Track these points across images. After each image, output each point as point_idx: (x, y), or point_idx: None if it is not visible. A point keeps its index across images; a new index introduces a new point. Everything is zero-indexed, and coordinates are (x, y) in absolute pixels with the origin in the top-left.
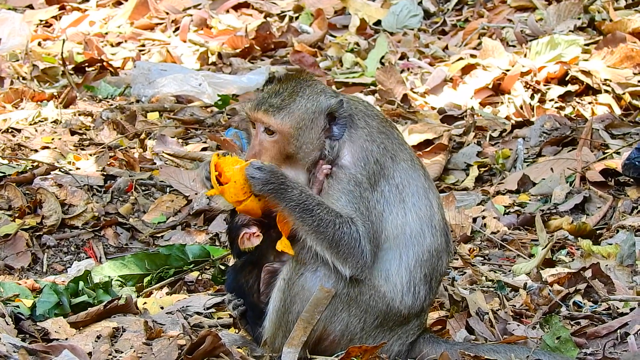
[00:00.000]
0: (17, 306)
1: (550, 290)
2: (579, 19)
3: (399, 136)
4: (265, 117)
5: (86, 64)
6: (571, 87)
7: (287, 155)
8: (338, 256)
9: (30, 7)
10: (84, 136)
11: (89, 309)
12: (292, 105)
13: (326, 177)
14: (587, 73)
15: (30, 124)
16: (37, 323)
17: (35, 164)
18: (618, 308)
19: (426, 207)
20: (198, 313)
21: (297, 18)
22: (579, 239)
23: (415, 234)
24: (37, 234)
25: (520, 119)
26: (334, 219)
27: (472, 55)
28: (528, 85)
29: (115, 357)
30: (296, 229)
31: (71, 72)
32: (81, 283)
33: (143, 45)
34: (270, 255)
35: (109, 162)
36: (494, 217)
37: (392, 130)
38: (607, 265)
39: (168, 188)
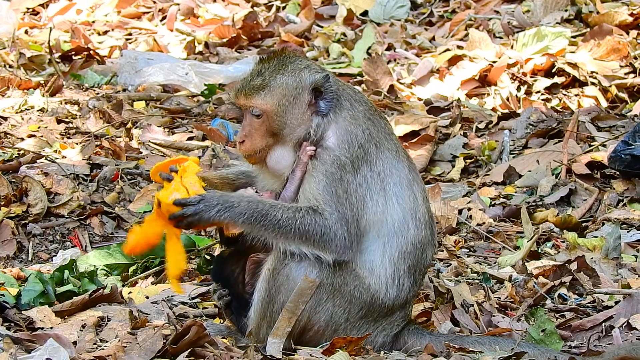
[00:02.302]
0: (2, 295)
1: (535, 282)
2: (566, 11)
3: (387, 126)
4: (248, 100)
5: (73, 53)
6: (558, 79)
7: (274, 132)
8: (314, 246)
9: None
10: (70, 125)
11: (74, 298)
12: (272, 83)
13: (310, 159)
14: (573, 65)
15: (17, 112)
16: (22, 312)
17: (22, 152)
18: (603, 301)
19: (409, 198)
20: (183, 303)
21: (284, 8)
22: (565, 231)
23: (399, 225)
24: (23, 222)
25: (506, 111)
26: (293, 214)
27: (459, 47)
28: (514, 77)
29: (100, 346)
30: (264, 240)
31: (58, 60)
32: (66, 272)
33: (130, 34)
34: (258, 245)
35: (95, 151)
36: (480, 209)
37: (380, 119)
38: (592, 258)
39: None
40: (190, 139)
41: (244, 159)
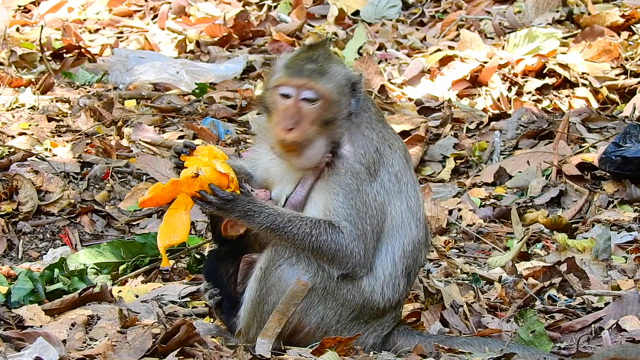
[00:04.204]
0: None
1: (525, 283)
2: (558, 12)
3: (391, 128)
4: (310, 82)
5: (64, 51)
6: (549, 80)
7: (326, 122)
8: (323, 260)
9: None
10: (61, 123)
11: (64, 296)
12: (330, 71)
13: (326, 166)
14: (564, 66)
15: (8, 110)
16: (12, 310)
17: (12, 150)
18: (592, 302)
19: (414, 198)
20: (173, 302)
21: (275, 7)
22: (555, 232)
23: (405, 225)
24: (13, 220)
25: (497, 112)
26: (310, 230)
27: (450, 47)
28: (505, 78)
29: (90, 345)
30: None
31: (49, 58)
32: (56, 270)
33: (121, 33)
34: (255, 246)
35: (85, 149)
36: (470, 210)
37: (385, 121)
38: (582, 259)
39: (144, 176)
40: (181, 137)
41: (280, 146)
